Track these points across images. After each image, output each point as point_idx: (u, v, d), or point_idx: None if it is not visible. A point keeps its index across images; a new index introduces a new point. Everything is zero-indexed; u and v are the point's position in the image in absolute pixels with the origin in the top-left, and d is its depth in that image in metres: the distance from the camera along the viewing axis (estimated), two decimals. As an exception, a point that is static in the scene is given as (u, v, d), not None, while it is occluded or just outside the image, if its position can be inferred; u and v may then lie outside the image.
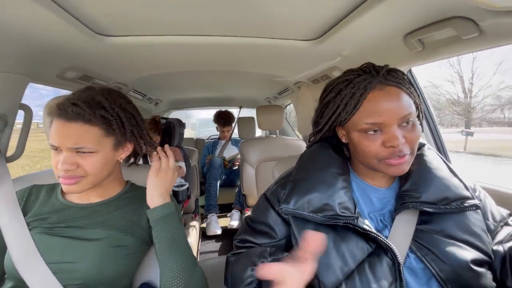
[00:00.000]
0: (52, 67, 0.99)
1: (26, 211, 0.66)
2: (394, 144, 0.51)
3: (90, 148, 0.60)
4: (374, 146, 0.54)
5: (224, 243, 2.18)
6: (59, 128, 0.59)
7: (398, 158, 0.53)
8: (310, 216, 0.55)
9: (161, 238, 0.62)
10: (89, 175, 0.61)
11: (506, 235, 0.60)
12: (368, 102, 0.54)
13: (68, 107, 0.59)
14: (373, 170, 0.59)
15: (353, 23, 0.77)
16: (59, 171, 0.59)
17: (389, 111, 0.52)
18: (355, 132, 0.56)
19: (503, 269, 0.55)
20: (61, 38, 0.80)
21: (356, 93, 0.55)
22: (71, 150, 0.59)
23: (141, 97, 2.04)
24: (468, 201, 0.55)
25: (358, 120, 0.55)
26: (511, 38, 0.66)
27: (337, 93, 0.58)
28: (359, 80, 0.56)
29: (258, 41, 0.96)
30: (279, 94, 2.24)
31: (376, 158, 0.54)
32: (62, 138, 0.58)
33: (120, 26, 0.82)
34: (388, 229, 0.57)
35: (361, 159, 0.58)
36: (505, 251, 0.57)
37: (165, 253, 0.61)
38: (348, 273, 0.51)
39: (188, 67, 1.35)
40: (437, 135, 1.18)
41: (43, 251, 0.59)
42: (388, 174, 0.56)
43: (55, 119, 0.60)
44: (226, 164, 2.50)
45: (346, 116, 0.56)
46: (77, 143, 0.58)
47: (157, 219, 0.62)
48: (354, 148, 0.59)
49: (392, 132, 0.52)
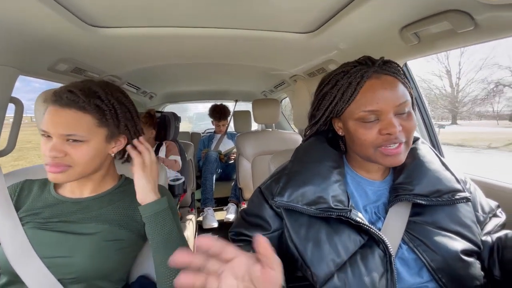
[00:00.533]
0: (42, 59, 0.97)
1: (19, 206, 0.65)
2: (390, 131, 0.52)
3: (81, 136, 0.59)
4: (371, 134, 0.54)
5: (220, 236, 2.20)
6: (52, 114, 0.58)
7: (394, 147, 0.54)
8: (304, 209, 0.56)
9: (154, 234, 0.61)
10: (76, 165, 0.60)
11: (494, 226, 0.62)
12: (365, 91, 0.55)
13: (63, 93, 0.58)
14: (369, 161, 0.60)
15: (350, 16, 0.77)
16: (46, 158, 0.58)
17: (386, 99, 0.53)
18: (352, 121, 0.57)
19: (490, 259, 0.58)
20: (51, 30, 0.78)
21: (352, 82, 0.56)
22: (62, 138, 0.58)
23: (135, 90, 2.01)
24: (459, 194, 0.57)
25: (355, 109, 0.56)
26: (506, 32, 0.66)
27: (334, 84, 0.59)
28: (355, 70, 0.57)
29: (254, 33, 0.95)
30: (275, 87, 2.23)
31: (372, 146, 0.55)
32: (54, 124, 0.58)
33: (112, 17, 0.80)
34: (381, 221, 0.58)
35: (357, 149, 0.59)
36: (493, 241, 0.59)
37: (159, 249, 0.60)
38: (340, 265, 0.52)
39: (183, 59, 1.33)
40: (431, 129, 1.19)
41: (36, 246, 0.59)
42: (384, 164, 0.57)
43: (50, 106, 0.59)
44: (222, 158, 2.50)
45: (343, 105, 0.57)
46: (68, 130, 0.58)
47: (149, 216, 0.62)
48: (350, 139, 0.60)
49: (389, 120, 0.53)
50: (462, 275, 0.53)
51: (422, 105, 1.19)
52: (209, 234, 2.23)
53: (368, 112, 0.54)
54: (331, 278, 0.51)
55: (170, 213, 0.64)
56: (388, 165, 0.56)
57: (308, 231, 0.56)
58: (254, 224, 0.65)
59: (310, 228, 0.56)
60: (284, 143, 1.88)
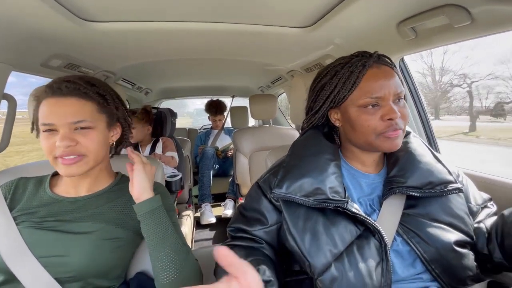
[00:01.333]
0: (35, 55, 0.95)
1: (14, 204, 0.64)
2: (392, 117, 0.55)
3: (89, 122, 0.60)
4: (374, 120, 0.57)
5: (218, 232, 2.21)
6: (53, 105, 0.57)
7: (394, 131, 0.56)
8: (302, 200, 0.57)
9: (150, 232, 0.61)
10: (89, 152, 0.60)
11: (486, 215, 0.64)
12: (367, 79, 0.57)
13: (61, 84, 0.58)
14: (368, 148, 0.61)
15: (347, 10, 0.76)
16: (58, 150, 0.57)
17: (387, 86, 0.56)
18: (354, 109, 0.59)
19: (490, 244, 0.58)
20: (44, 25, 0.76)
21: (354, 70, 0.58)
22: (69, 127, 0.58)
23: (130, 86, 1.99)
24: (451, 185, 0.58)
25: (357, 97, 0.58)
26: (502, 27, 0.67)
27: (333, 74, 0.61)
28: (356, 60, 0.59)
29: (250, 28, 0.94)
30: (272, 83, 2.22)
31: (374, 132, 0.57)
32: (59, 115, 0.57)
33: (106, 11, 0.78)
34: (376, 214, 0.59)
35: (358, 137, 0.60)
36: (487, 227, 0.61)
37: (155, 246, 0.60)
38: (337, 255, 0.53)
39: (178, 55, 1.32)
40: (427, 123, 1.20)
41: (32, 245, 0.58)
42: (383, 149, 0.58)
43: (47, 98, 0.58)
44: (219, 154, 2.49)
45: (345, 93, 0.59)
46: (76, 117, 0.58)
47: (145, 213, 0.61)
48: (351, 127, 0.60)
49: (390, 106, 0.56)
50: (455, 266, 0.54)
51: (418, 99, 1.19)
52: (207, 229, 2.24)
53: (372, 98, 0.56)
54: (329, 268, 0.53)
55: (164, 211, 0.64)
56: (387, 149, 0.58)
57: (306, 222, 0.57)
58: (252, 219, 0.65)
59: (308, 220, 0.57)
60: (281, 139, 1.88)
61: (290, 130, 1.98)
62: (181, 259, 0.61)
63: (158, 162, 0.91)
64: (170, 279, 0.59)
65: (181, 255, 0.61)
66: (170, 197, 0.74)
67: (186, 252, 0.63)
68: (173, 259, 0.60)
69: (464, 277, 0.54)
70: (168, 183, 1.55)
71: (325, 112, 0.64)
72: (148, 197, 0.62)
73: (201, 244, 2.05)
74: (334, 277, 0.52)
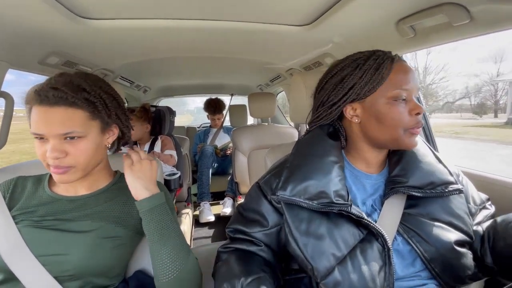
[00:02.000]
0: (32, 53, 0.94)
1: (13, 203, 0.64)
2: (420, 111, 0.56)
3: (78, 132, 0.57)
4: (404, 113, 0.56)
5: (217, 230, 2.21)
6: (42, 114, 0.56)
7: (418, 127, 0.57)
8: (306, 203, 0.56)
9: (150, 230, 0.60)
10: (78, 163, 0.59)
11: (484, 217, 0.65)
12: (397, 71, 0.57)
13: (48, 91, 0.55)
14: (391, 144, 0.60)
15: (346, 8, 0.76)
16: (48, 160, 0.57)
17: (413, 81, 0.57)
18: (384, 100, 0.57)
19: (482, 248, 0.60)
20: (41, 22, 0.76)
21: (384, 62, 0.57)
22: (59, 137, 0.56)
23: (129, 84, 1.98)
24: (452, 186, 0.58)
25: (388, 88, 0.57)
26: (501, 25, 0.67)
27: (356, 67, 0.59)
28: (380, 53, 0.59)
29: (250, 25, 0.94)
30: (271, 81, 2.22)
31: (403, 127, 0.57)
32: (47, 125, 0.55)
33: (104, 8, 0.78)
34: (377, 213, 0.59)
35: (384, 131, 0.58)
36: (483, 231, 0.61)
37: (156, 244, 0.60)
38: (340, 259, 0.53)
39: (177, 53, 1.31)
40: (426, 121, 1.20)
41: (31, 244, 0.58)
42: (406, 145, 0.58)
43: (35, 106, 0.56)
44: (218, 153, 2.49)
45: (374, 84, 0.57)
46: (64, 128, 0.56)
47: (145, 211, 0.61)
48: (376, 121, 0.58)
49: (415, 101, 0.57)
50: (455, 265, 0.54)
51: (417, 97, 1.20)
52: (206, 228, 2.24)
53: (403, 90, 0.56)
54: (332, 272, 0.52)
55: (166, 208, 0.63)
56: (410, 146, 0.58)
57: (309, 226, 0.56)
58: (252, 220, 0.65)
59: (311, 223, 0.56)
60: (280, 137, 1.88)
61: (289, 129, 1.98)
62: (182, 258, 0.61)
63: (157, 160, 0.91)
64: (169, 278, 0.58)
65: (181, 254, 0.61)
66: (169, 196, 0.73)
67: (186, 251, 0.63)
68: (173, 258, 0.60)
69: (463, 276, 0.55)
70: (167, 181, 1.54)
71: (343, 105, 0.62)
72: (146, 195, 0.61)
73: (200, 242, 2.05)
74: (337, 281, 0.51)
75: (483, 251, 0.59)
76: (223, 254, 0.66)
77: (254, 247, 0.63)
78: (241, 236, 0.66)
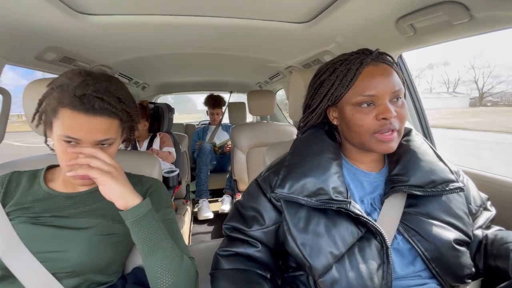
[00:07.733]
0: (30, 48, 0.94)
1: (7, 199, 0.63)
2: (387, 116, 0.54)
3: (113, 139, 0.60)
4: (368, 119, 0.56)
5: (215, 227, 2.22)
6: (84, 122, 0.55)
7: (388, 134, 0.55)
8: (305, 200, 0.56)
9: (139, 239, 0.57)
10: None
11: (486, 220, 0.65)
12: (364, 77, 0.56)
13: (93, 101, 0.55)
14: (363, 148, 0.60)
15: (346, 5, 0.76)
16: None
17: (383, 85, 0.55)
18: (349, 107, 0.58)
19: (477, 254, 0.61)
20: (38, 17, 0.75)
21: (352, 67, 0.57)
22: (95, 143, 0.58)
23: (127, 81, 1.97)
24: (452, 184, 0.57)
25: (353, 94, 0.57)
26: (500, 24, 0.67)
27: (332, 71, 0.60)
28: (354, 57, 0.58)
29: (249, 22, 0.93)
30: (270, 79, 2.21)
31: (368, 132, 0.56)
32: (88, 132, 0.56)
33: (102, 4, 0.77)
34: (377, 212, 0.59)
35: (353, 136, 0.59)
36: (482, 237, 0.62)
37: (146, 253, 0.57)
38: (338, 257, 0.53)
39: (176, 49, 1.30)
40: (424, 118, 1.20)
41: (28, 240, 0.58)
42: (377, 151, 0.58)
43: (76, 111, 0.55)
44: (216, 150, 2.49)
45: (342, 90, 0.58)
46: (104, 135, 0.58)
47: (131, 222, 0.57)
48: (347, 126, 0.60)
49: (385, 105, 0.55)
50: (454, 264, 0.55)
51: (415, 95, 1.20)
52: (204, 225, 2.25)
53: (366, 96, 0.55)
54: (330, 270, 0.52)
55: (154, 216, 0.59)
56: (381, 151, 0.58)
57: (307, 224, 0.56)
58: (249, 217, 0.64)
59: (309, 221, 0.56)
60: (279, 135, 1.88)
61: (288, 126, 1.98)
62: (175, 265, 0.58)
63: (156, 157, 0.91)
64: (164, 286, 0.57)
65: (175, 261, 0.58)
66: (167, 193, 0.73)
67: (180, 257, 0.60)
68: (166, 266, 0.57)
69: (462, 275, 0.55)
70: (166, 178, 1.54)
71: (322, 110, 0.63)
72: (137, 202, 0.57)
73: (198, 239, 2.05)
74: (335, 279, 0.51)
75: (478, 258, 0.60)
76: (221, 260, 0.65)
77: (251, 249, 0.63)
78: (238, 235, 0.65)
